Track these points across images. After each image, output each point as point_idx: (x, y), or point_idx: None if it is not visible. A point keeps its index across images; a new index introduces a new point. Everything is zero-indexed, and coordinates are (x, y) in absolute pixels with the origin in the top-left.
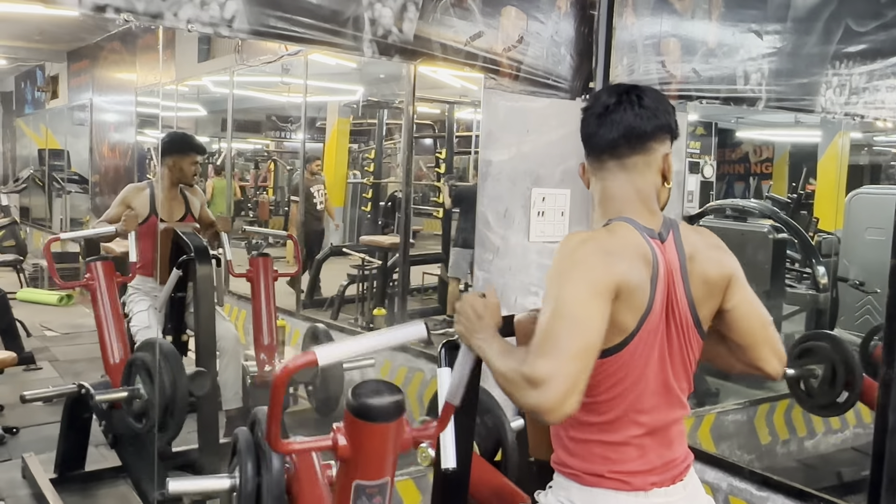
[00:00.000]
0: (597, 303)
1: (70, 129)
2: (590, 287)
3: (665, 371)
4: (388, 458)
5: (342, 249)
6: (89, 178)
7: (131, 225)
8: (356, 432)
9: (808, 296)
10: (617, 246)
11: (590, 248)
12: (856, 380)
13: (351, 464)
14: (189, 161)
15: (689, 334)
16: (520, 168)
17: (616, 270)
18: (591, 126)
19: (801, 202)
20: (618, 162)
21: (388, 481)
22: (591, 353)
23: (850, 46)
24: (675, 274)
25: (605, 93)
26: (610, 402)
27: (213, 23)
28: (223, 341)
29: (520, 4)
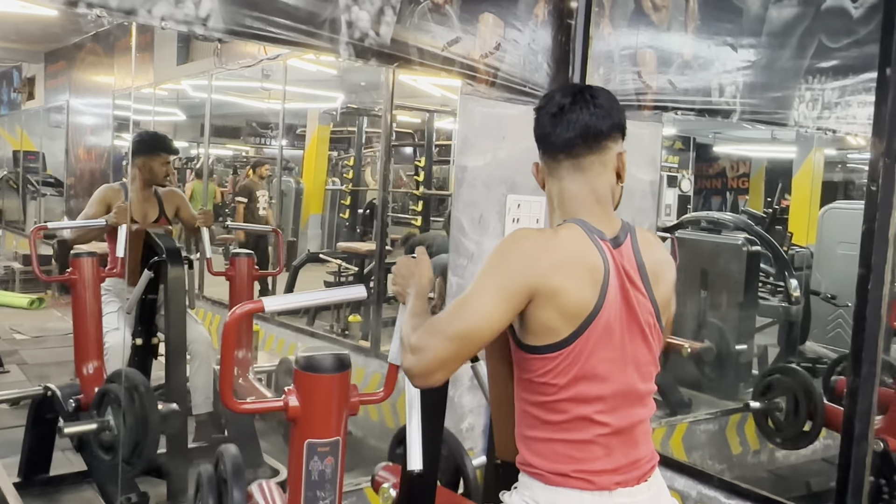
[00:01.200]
0: (497, 299)
1: (46, 131)
2: (498, 284)
3: (624, 370)
4: (336, 415)
5: (319, 256)
6: (64, 180)
7: (122, 217)
8: (304, 387)
9: (781, 308)
10: (552, 248)
11: (519, 248)
12: (817, 407)
13: (301, 423)
14: (159, 161)
15: (652, 334)
16: (495, 174)
17: (535, 272)
18: (546, 125)
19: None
20: (574, 162)
21: (340, 441)
22: (471, 340)
23: (823, 62)
24: (632, 276)
25: (559, 92)
26: (569, 402)
27: (187, 21)
28: (195, 345)
29: (497, 11)
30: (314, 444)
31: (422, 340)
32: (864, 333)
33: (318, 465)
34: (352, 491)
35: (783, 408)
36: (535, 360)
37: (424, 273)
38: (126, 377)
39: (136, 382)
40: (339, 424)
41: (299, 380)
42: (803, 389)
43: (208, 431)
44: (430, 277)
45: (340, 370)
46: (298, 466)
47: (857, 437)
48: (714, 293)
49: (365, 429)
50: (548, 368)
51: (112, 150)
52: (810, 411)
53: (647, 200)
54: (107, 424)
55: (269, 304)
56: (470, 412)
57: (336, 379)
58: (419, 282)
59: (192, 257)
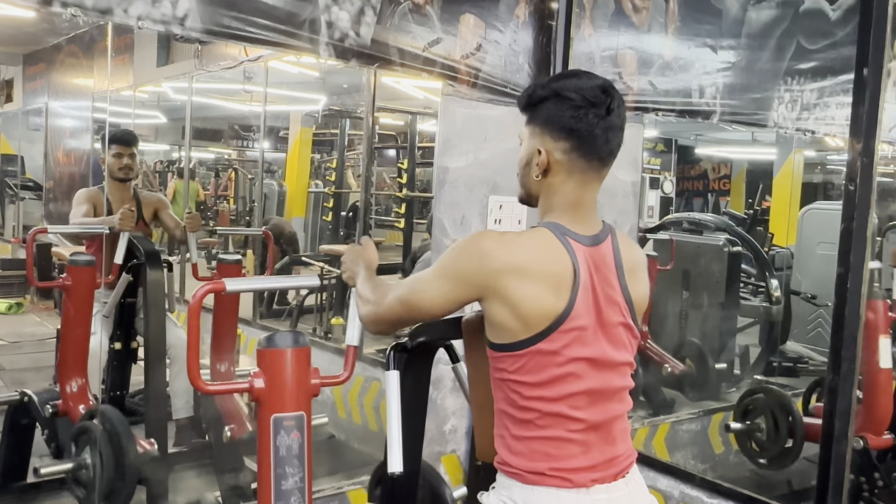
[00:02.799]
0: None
1: (25, 135)
2: (449, 273)
3: (602, 370)
4: (298, 389)
5: (302, 259)
6: (43, 184)
7: (128, 223)
8: (267, 364)
9: (762, 308)
10: (509, 252)
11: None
12: (796, 423)
13: (266, 400)
14: (111, 153)
15: (625, 333)
16: (477, 175)
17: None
18: (594, 125)
19: (757, 218)
20: (599, 173)
21: (304, 417)
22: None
23: (802, 63)
24: (608, 275)
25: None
26: (542, 400)
27: (164, 20)
28: (174, 349)
29: (478, 12)
30: (280, 418)
31: (377, 295)
32: (842, 332)
33: (286, 440)
34: (335, 494)
35: (763, 427)
36: (503, 357)
37: (370, 255)
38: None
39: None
40: (302, 399)
41: (262, 358)
42: (780, 406)
43: (189, 436)
44: (375, 258)
45: (299, 345)
46: (266, 444)
47: (836, 436)
48: (695, 294)
49: (348, 432)
50: (518, 366)
51: (92, 153)
52: (790, 428)
53: (628, 201)
54: (83, 463)
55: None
56: (453, 414)
57: (295, 353)
58: (366, 259)
59: (171, 260)
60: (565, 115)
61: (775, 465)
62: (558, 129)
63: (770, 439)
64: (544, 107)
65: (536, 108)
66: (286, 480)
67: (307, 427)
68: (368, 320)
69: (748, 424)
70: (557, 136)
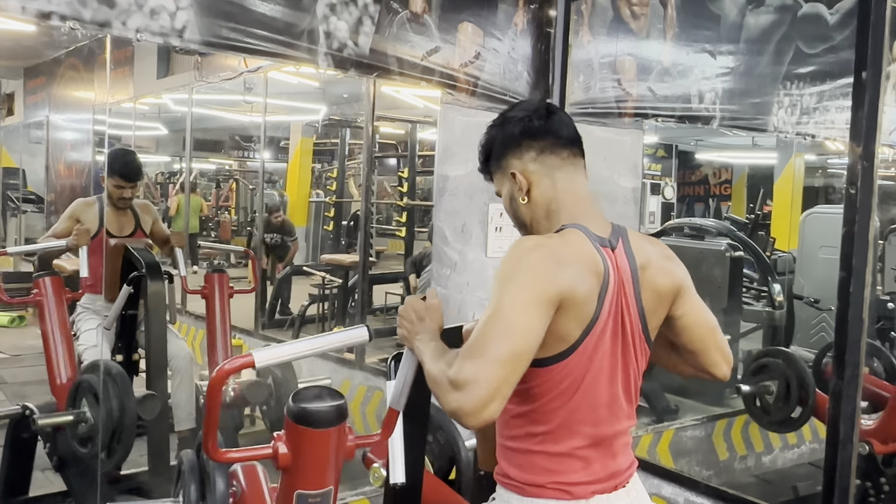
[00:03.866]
0: (535, 311)
1: (26, 148)
2: (531, 295)
3: (611, 382)
4: (330, 466)
5: (303, 268)
6: (45, 196)
7: (83, 239)
8: (297, 439)
9: (765, 313)
10: (567, 254)
11: (538, 254)
12: (809, 395)
13: (292, 472)
14: (112, 183)
15: (637, 344)
16: (477, 183)
17: (562, 280)
18: (543, 126)
19: (759, 222)
20: (575, 161)
21: (332, 491)
22: (521, 360)
23: (801, 68)
24: (626, 283)
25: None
26: (554, 413)
27: (163, 32)
28: (176, 360)
29: (477, 21)
30: (304, 495)
31: (464, 373)
32: (846, 336)
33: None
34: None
35: (773, 391)
36: (533, 371)
37: (436, 318)
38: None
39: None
40: (332, 474)
41: (291, 432)
42: (796, 375)
43: (191, 447)
44: (441, 323)
45: (338, 422)
46: None
47: (842, 441)
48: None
49: None
50: (543, 379)
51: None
52: (801, 397)
53: (629, 207)
54: (82, 416)
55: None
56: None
57: (333, 432)
58: (430, 327)
59: (172, 272)
60: (514, 130)
61: (777, 428)
62: (516, 146)
63: (778, 405)
64: (496, 142)
65: (492, 151)
66: None
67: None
68: (468, 411)
69: (758, 386)
70: (519, 151)
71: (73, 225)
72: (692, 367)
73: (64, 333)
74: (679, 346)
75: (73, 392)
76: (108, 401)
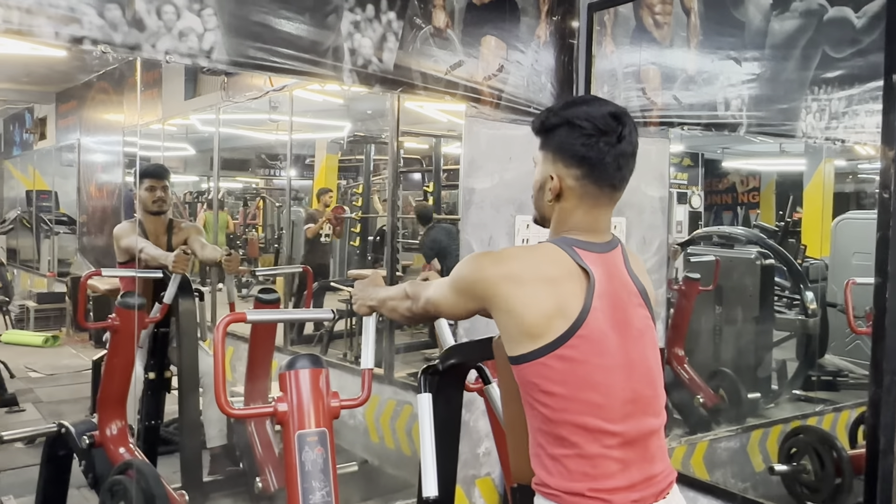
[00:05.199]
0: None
1: (58, 170)
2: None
3: (630, 377)
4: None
5: (331, 284)
6: (77, 218)
7: (182, 265)
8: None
9: (798, 321)
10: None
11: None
12: (842, 459)
13: (289, 419)
14: (144, 187)
15: (646, 338)
16: (503, 195)
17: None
18: (604, 152)
19: (789, 230)
20: (610, 197)
21: (327, 434)
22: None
23: (828, 72)
24: (624, 279)
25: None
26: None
27: (191, 54)
28: (207, 377)
29: (499, 34)
30: (303, 434)
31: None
32: (883, 343)
33: (310, 455)
34: None
35: (809, 469)
36: (525, 369)
37: (377, 282)
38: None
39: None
40: (323, 416)
41: (283, 381)
42: (822, 443)
43: (223, 464)
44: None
45: (316, 366)
46: (292, 461)
47: (882, 450)
48: (729, 308)
49: (381, 457)
50: (542, 375)
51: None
52: (836, 464)
53: (656, 216)
54: None
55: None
56: (486, 436)
57: (312, 373)
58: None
59: (203, 289)
60: (576, 143)
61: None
62: (570, 157)
63: (818, 479)
64: (556, 134)
65: (549, 134)
66: (313, 495)
67: (330, 444)
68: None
69: (794, 466)
70: (569, 163)
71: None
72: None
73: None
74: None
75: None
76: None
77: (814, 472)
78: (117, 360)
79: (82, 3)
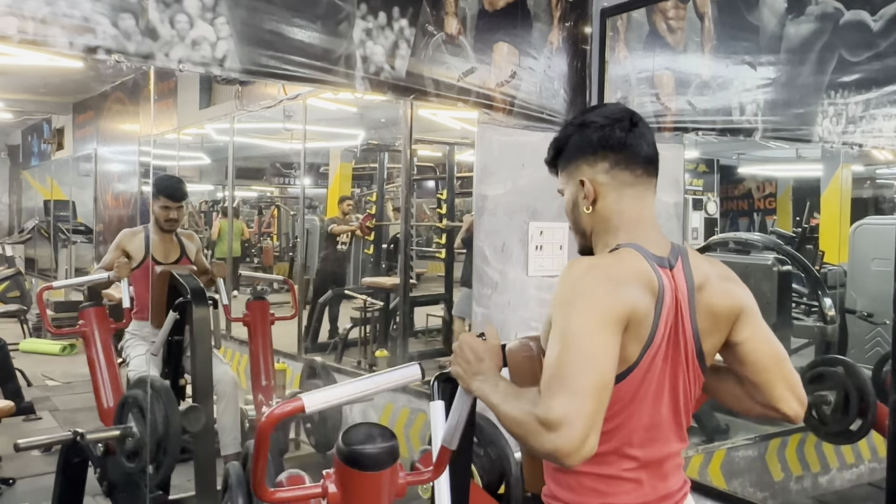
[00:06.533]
0: (606, 334)
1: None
2: (598, 318)
3: (663, 404)
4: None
5: (344, 292)
6: (94, 227)
7: (123, 272)
8: (347, 480)
9: (817, 328)
10: (623, 273)
11: (595, 276)
12: (869, 406)
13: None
14: (159, 205)
15: (691, 366)
16: (516, 202)
17: (624, 299)
18: (624, 138)
19: (806, 236)
20: (648, 180)
21: None
22: (606, 388)
23: (845, 76)
24: (682, 303)
25: (617, 109)
26: (605, 435)
27: (204, 62)
28: (221, 385)
29: (512, 40)
30: None
31: (555, 411)
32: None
33: None
34: None
35: (832, 401)
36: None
37: (495, 358)
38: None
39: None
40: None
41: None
42: (855, 385)
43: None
44: (500, 363)
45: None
46: None
47: None
48: None
49: None
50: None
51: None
52: (861, 409)
53: (671, 223)
54: (129, 430)
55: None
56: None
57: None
58: (490, 367)
59: (216, 297)
60: (593, 137)
61: (833, 440)
62: (591, 153)
63: (836, 416)
64: (571, 142)
65: (563, 150)
66: None
67: None
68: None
69: (815, 395)
70: (593, 159)
71: (118, 256)
72: (759, 404)
73: (109, 360)
74: (742, 377)
75: (120, 408)
76: (153, 413)
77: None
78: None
79: (96, 13)
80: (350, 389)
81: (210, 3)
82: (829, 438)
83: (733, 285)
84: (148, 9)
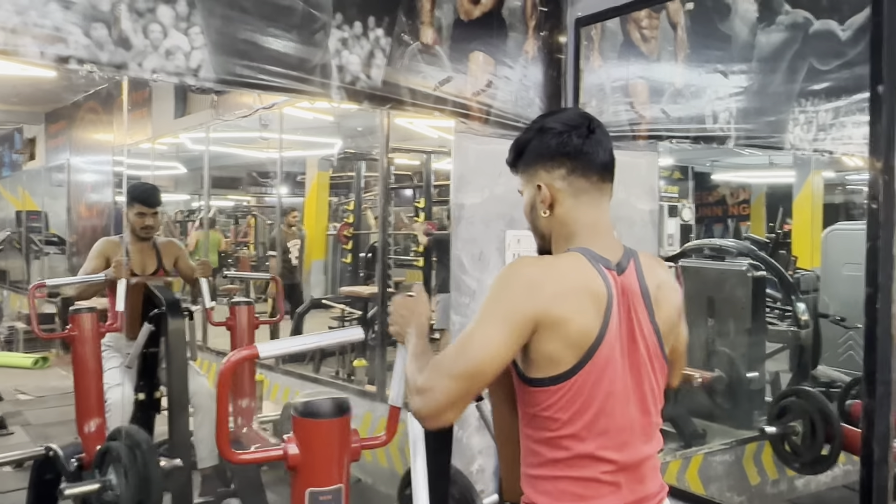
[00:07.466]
0: (502, 331)
1: (48, 191)
2: (502, 315)
3: (629, 404)
4: (337, 461)
5: (322, 301)
6: (67, 238)
7: (121, 272)
8: (304, 434)
9: (791, 333)
10: (553, 276)
11: (515, 276)
12: (835, 430)
13: (302, 470)
14: (133, 212)
15: (655, 364)
16: (493, 211)
17: (538, 301)
18: (581, 144)
19: (780, 241)
20: (602, 186)
21: (342, 489)
22: (477, 377)
23: (815, 84)
24: (636, 304)
25: (575, 115)
26: (572, 438)
27: (178, 72)
28: (197, 397)
29: (487, 49)
30: (316, 492)
31: (428, 381)
32: (875, 354)
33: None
34: None
35: (799, 432)
36: (538, 393)
37: (423, 311)
38: (127, 434)
39: (137, 440)
40: (340, 471)
41: (298, 426)
42: (819, 412)
43: (214, 485)
44: (428, 315)
45: (340, 415)
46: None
47: (876, 462)
48: (721, 320)
49: (374, 475)
50: (551, 402)
51: (113, 206)
52: (828, 434)
53: (647, 230)
54: (109, 484)
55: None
56: (479, 453)
57: (335, 424)
58: (419, 320)
59: (192, 309)
60: (551, 143)
61: (809, 470)
62: (548, 159)
63: (806, 444)
64: (530, 147)
65: (523, 154)
66: None
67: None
68: (424, 416)
69: (783, 427)
70: (550, 165)
71: (103, 262)
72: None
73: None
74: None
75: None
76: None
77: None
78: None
79: (68, 23)
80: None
81: (184, 12)
82: (805, 469)
83: (676, 291)
84: (121, 18)
